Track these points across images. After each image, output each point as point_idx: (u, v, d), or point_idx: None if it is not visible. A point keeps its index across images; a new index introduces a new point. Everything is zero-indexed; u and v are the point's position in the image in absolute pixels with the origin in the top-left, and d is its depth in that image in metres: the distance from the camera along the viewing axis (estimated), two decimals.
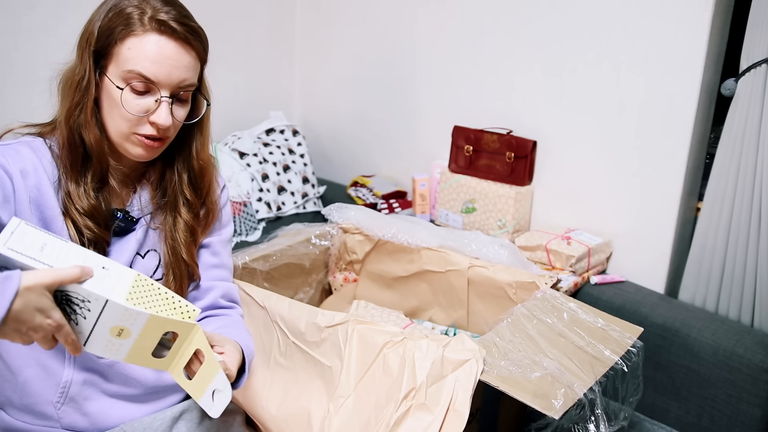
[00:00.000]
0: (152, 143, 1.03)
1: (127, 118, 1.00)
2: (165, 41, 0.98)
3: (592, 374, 1.06)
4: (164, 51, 0.98)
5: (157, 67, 0.98)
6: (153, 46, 0.97)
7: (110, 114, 1.01)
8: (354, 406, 1.06)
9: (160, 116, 1.00)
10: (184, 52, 1.00)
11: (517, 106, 1.87)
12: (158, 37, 0.98)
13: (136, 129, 1.01)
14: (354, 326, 1.10)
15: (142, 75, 0.97)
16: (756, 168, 1.50)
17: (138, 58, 0.97)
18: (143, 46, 0.97)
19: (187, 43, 1.00)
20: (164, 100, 1.00)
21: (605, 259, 1.76)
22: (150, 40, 0.98)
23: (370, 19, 2.19)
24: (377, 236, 1.62)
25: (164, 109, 1.00)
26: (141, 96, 0.99)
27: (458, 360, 1.00)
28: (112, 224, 1.08)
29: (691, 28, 1.51)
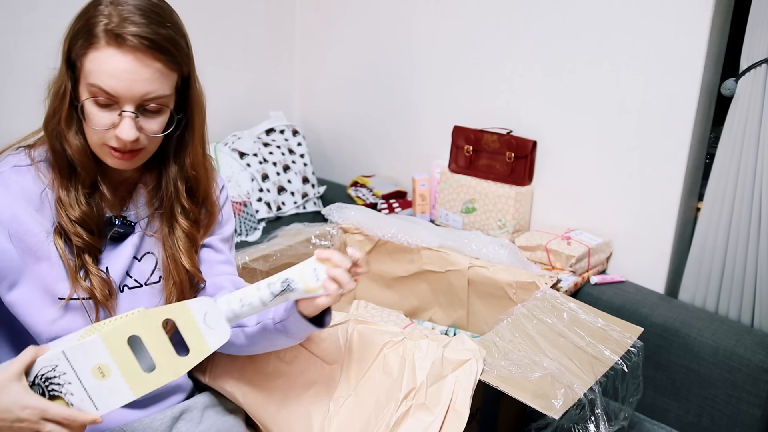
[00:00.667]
0: (122, 155, 1.00)
1: (95, 129, 0.98)
2: (121, 56, 0.93)
3: (592, 374, 1.06)
4: (122, 65, 0.94)
5: (116, 81, 0.94)
6: (110, 60, 0.93)
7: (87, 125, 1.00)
8: (354, 406, 1.06)
9: (122, 131, 0.96)
10: (143, 65, 0.95)
11: (517, 106, 1.87)
12: (115, 51, 0.93)
13: (105, 140, 0.99)
14: (354, 326, 1.10)
15: (102, 89, 0.94)
16: (756, 168, 1.50)
17: (98, 72, 0.94)
18: (102, 60, 0.94)
19: (149, 54, 0.95)
20: (126, 114, 0.96)
21: (605, 259, 1.76)
22: (108, 54, 0.93)
23: (370, 19, 2.19)
24: (377, 236, 1.62)
25: (126, 124, 0.96)
26: (105, 109, 0.96)
27: (458, 360, 1.00)
28: (108, 231, 1.07)
29: (691, 28, 1.51)
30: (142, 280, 1.13)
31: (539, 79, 1.80)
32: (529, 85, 1.83)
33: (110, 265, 1.08)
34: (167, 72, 0.98)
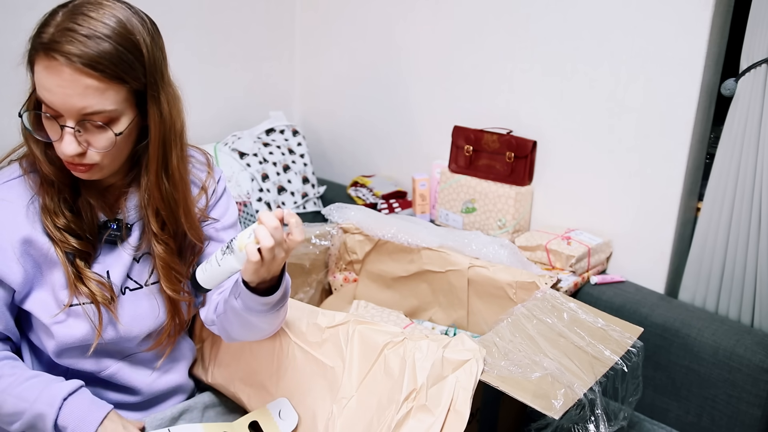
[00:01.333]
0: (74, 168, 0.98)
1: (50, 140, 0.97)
2: (53, 69, 0.90)
3: (592, 374, 1.06)
4: (58, 77, 0.90)
5: (50, 94, 0.91)
6: (47, 71, 0.91)
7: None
8: (357, 407, 1.06)
9: (61, 146, 0.94)
10: (73, 81, 0.90)
11: (517, 106, 1.87)
12: (48, 63, 0.90)
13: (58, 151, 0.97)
14: (355, 326, 1.10)
15: (44, 102, 0.93)
16: (756, 168, 1.50)
17: (39, 85, 0.93)
18: (39, 73, 0.92)
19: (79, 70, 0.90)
20: (67, 129, 0.93)
21: (605, 259, 1.76)
22: (45, 66, 0.91)
23: (370, 19, 2.19)
24: (377, 236, 1.62)
25: (66, 139, 0.94)
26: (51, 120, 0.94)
27: (458, 360, 1.00)
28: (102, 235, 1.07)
29: (691, 28, 1.51)
30: (142, 281, 1.13)
31: (539, 79, 1.80)
32: (529, 85, 1.83)
33: (111, 269, 1.08)
34: (104, 87, 0.92)
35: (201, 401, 1.25)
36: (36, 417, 0.98)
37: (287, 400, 1.14)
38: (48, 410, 0.97)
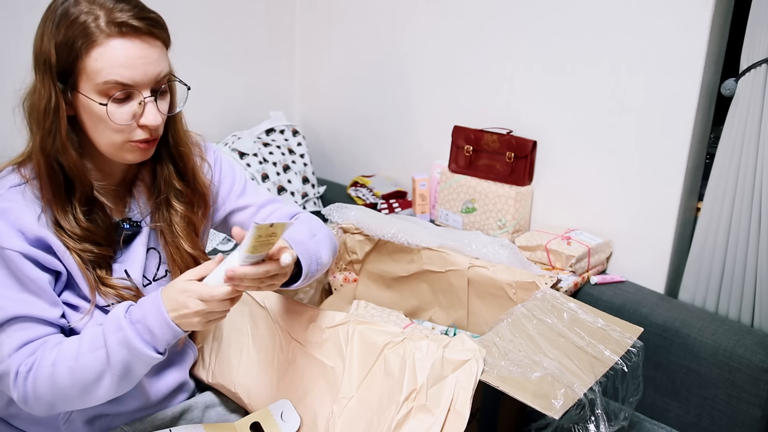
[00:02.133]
0: (147, 146, 1.01)
1: (117, 129, 0.97)
2: (130, 42, 0.93)
3: (592, 374, 1.06)
4: (132, 52, 0.94)
5: (132, 70, 0.94)
6: (120, 50, 0.93)
7: (96, 129, 0.98)
8: (357, 407, 1.06)
9: (148, 118, 0.97)
10: (151, 47, 0.96)
11: (517, 106, 1.87)
12: (122, 41, 0.93)
13: (128, 137, 0.98)
14: (355, 326, 1.10)
15: (119, 83, 0.94)
16: (756, 168, 1.50)
17: (109, 67, 0.93)
18: (110, 54, 0.93)
19: (151, 35, 0.96)
20: (148, 101, 0.97)
21: (605, 259, 1.76)
22: (115, 46, 0.93)
23: (370, 19, 2.19)
24: (377, 236, 1.61)
25: (151, 109, 0.97)
26: (123, 103, 0.96)
27: (458, 360, 1.00)
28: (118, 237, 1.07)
29: (691, 27, 1.51)
30: (150, 277, 1.13)
31: (539, 79, 1.80)
32: (529, 85, 1.83)
33: (129, 267, 1.08)
34: (165, 49, 1.00)
35: (202, 401, 1.25)
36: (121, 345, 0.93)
37: (289, 402, 1.14)
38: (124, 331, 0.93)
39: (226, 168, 1.24)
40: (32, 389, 0.94)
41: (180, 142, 1.12)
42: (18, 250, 0.94)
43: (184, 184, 1.14)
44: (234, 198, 1.24)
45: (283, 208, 1.26)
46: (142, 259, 1.10)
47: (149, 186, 1.12)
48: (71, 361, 0.94)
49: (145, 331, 0.92)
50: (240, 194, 1.24)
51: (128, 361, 0.93)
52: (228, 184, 1.23)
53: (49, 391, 0.94)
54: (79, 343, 0.95)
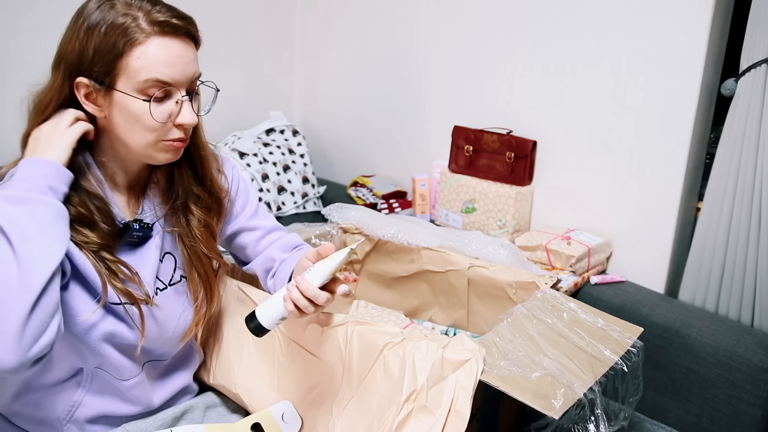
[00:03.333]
0: (180, 145, 1.02)
1: (153, 127, 0.98)
2: (170, 41, 0.96)
3: (592, 374, 1.06)
4: (173, 51, 0.96)
5: (172, 69, 0.96)
6: (161, 49, 0.95)
7: (130, 129, 0.98)
8: (357, 408, 1.06)
9: (185, 117, 0.99)
10: (188, 46, 0.99)
11: (517, 106, 1.87)
12: (162, 39, 0.96)
13: (163, 136, 1.00)
14: (354, 327, 1.10)
15: (160, 81, 0.96)
16: (756, 168, 1.50)
17: (151, 66, 0.95)
18: (152, 52, 0.95)
19: (189, 35, 1.00)
20: (185, 100, 0.99)
21: (605, 259, 1.76)
22: (156, 45, 0.95)
23: (370, 19, 2.19)
24: (377, 236, 1.61)
25: (187, 108, 1.00)
26: (162, 102, 0.98)
27: (458, 360, 1.00)
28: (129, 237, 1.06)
29: (691, 27, 1.51)
30: (166, 281, 1.13)
31: (539, 79, 1.80)
32: (529, 85, 1.83)
33: (140, 270, 1.08)
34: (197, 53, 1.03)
35: (203, 401, 1.25)
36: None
37: (290, 404, 1.14)
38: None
39: (243, 186, 1.25)
40: None
41: (201, 146, 1.13)
42: None
43: (203, 188, 1.14)
44: (245, 217, 1.24)
45: (287, 237, 1.27)
46: (155, 263, 1.10)
47: (164, 189, 1.12)
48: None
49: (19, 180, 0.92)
50: (252, 215, 1.25)
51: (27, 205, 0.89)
52: (242, 201, 1.24)
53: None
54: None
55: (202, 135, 1.14)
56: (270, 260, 1.23)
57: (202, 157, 1.14)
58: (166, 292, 1.12)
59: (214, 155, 1.20)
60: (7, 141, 1.67)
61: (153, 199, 1.11)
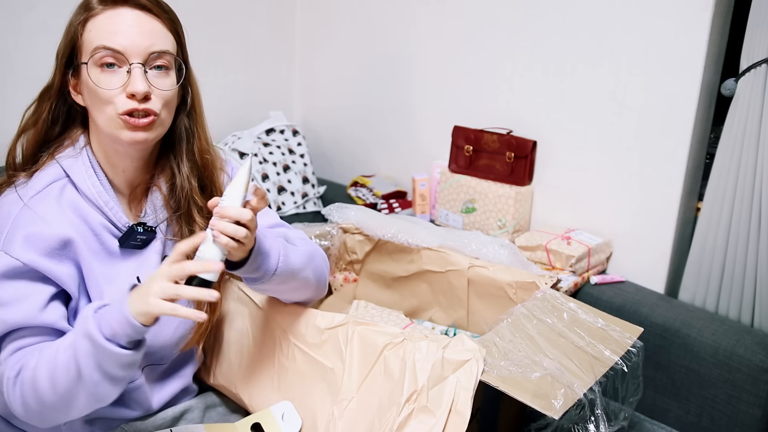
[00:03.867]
0: (137, 121, 0.98)
1: (106, 97, 0.97)
2: (122, 10, 0.98)
3: (592, 374, 1.06)
4: (123, 19, 0.97)
5: (120, 36, 0.96)
6: (111, 18, 0.97)
7: (94, 106, 0.99)
8: (358, 408, 1.06)
9: (135, 85, 0.96)
10: (147, 18, 0.99)
11: (517, 106, 1.87)
12: (114, 10, 0.97)
13: (117, 108, 0.97)
14: (354, 328, 1.10)
15: (107, 47, 0.96)
16: (756, 168, 1.50)
17: (100, 35, 0.96)
18: (102, 22, 0.97)
19: (148, 10, 0.99)
20: (135, 66, 0.97)
21: (605, 259, 1.76)
22: (108, 15, 0.97)
23: (371, 19, 2.19)
24: (377, 236, 1.61)
25: (136, 74, 0.96)
26: (111, 70, 0.97)
27: (458, 360, 1.00)
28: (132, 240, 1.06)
29: (691, 28, 1.51)
30: None
31: (539, 79, 1.80)
32: (529, 85, 1.83)
33: (141, 274, 1.08)
34: (167, 31, 1.01)
35: (203, 402, 1.25)
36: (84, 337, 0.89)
37: (291, 404, 1.14)
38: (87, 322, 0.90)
39: None
40: (20, 395, 0.92)
41: (204, 150, 1.12)
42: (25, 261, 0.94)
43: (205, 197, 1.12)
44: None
45: (289, 233, 1.24)
46: (157, 264, 1.09)
47: (166, 196, 1.11)
48: (51, 362, 0.90)
49: (106, 324, 0.88)
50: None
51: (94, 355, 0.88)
52: None
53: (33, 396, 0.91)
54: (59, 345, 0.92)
55: (204, 140, 1.12)
56: None
57: (203, 163, 1.12)
58: None
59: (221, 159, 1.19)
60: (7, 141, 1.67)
61: (155, 203, 1.11)
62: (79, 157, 1.04)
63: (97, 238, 1.03)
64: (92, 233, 1.03)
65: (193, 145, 1.11)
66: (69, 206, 1.01)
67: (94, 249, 1.03)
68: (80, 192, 1.03)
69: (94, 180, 1.03)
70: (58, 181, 1.02)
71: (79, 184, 1.02)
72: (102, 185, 1.04)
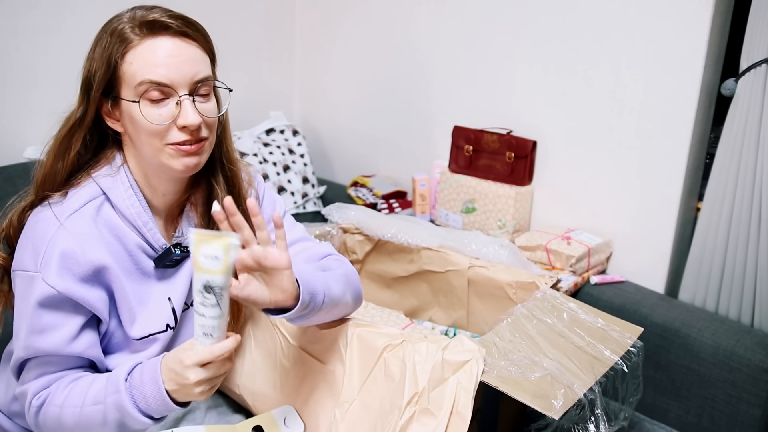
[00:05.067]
0: (189, 148, 0.97)
1: (155, 131, 0.95)
2: (162, 41, 0.94)
3: (592, 374, 1.06)
4: (165, 50, 0.94)
5: (165, 68, 0.94)
6: (152, 50, 0.94)
7: (138, 137, 0.97)
8: (359, 411, 1.06)
9: (187, 117, 0.95)
10: (185, 45, 0.96)
11: (517, 106, 1.87)
12: (154, 40, 0.94)
13: (167, 139, 0.96)
14: (354, 329, 1.10)
15: (153, 81, 0.93)
16: (756, 168, 1.50)
17: (143, 68, 0.93)
18: (142, 54, 0.93)
19: (185, 36, 0.96)
20: (184, 98, 0.95)
21: (605, 259, 1.76)
22: (147, 46, 0.94)
23: (371, 19, 2.19)
24: (377, 236, 1.62)
25: (188, 107, 0.95)
26: (159, 104, 0.95)
27: (458, 362, 1.00)
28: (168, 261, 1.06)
29: (691, 28, 1.51)
30: (189, 302, 1.12)
31: (539, 79, 1.80)
32: (529, 85, 1.83)
33: (172, 294, 1.07)
34: (204, 54, 0.99)
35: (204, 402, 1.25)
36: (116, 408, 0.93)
37: (293, 408, 1.14)
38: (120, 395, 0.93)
39: (268, 199, 1.22)
40: (42, 424, 0.98)
41: (230, 161, 1.11)
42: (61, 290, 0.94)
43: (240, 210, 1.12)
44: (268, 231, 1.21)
45: (315, 248, 1.21)
46: (186, 286, 1.09)
47: (202, 213, 1.10)
48: (77, 407, 0.95)
49: (141, 398, 0.91)
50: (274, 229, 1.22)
51: (123, 422, 0.93)
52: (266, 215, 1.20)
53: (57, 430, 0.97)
54: (87, 391, 0.95)
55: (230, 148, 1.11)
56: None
57: (234, 172, 1.11)
58: (188, 312, 1.12)
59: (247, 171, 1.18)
60: (7, 141, 1.67)
61: (191, 222, 1.09)
62: (117, 176, 1.02)
63: (131, 259, 1.02)
64: (127, 253, 1.02)
65: (223, 157, 1.10)
66: (105, 226, 1.00)
67: (128, 269, 1.02)
68: (118, 211, 1.01)
69: (133, 200, 1.02)
70: (95, 200, 1.00)
71: (119, 204, 1.01)
72: (141, 206, 1.02)
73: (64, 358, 0.99)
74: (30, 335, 0.95)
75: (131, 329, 1.03)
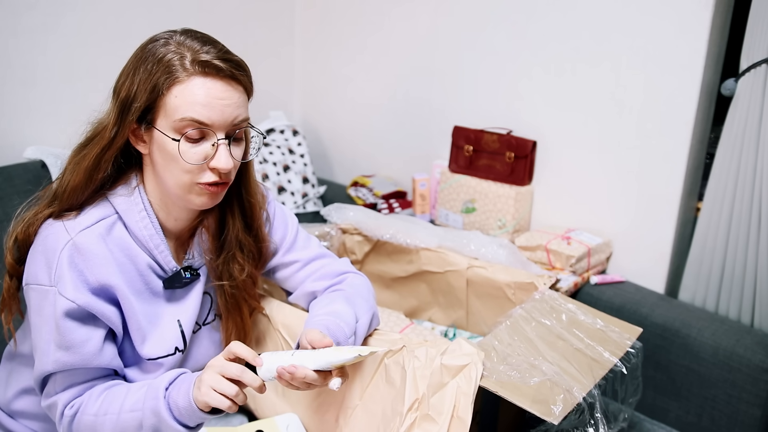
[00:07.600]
0: (215, 189, 0.98)
1: (187, 169, 0.95)
2: (211, 82, 0.93)
3: (591, 377, 1.06)
4: (212, 92, 0.93)
5: (209, 109, 0.93)
6: (200, 89, 0.92)
7: (167, 168, 0.96)
8: (363, 416, 1.06)
9: (220, 161, 0.95)
10: (231, 89, 0.95)
11: (517, 106, 1.87)
12: (204, 80, 0.93)
13: (197, 179, 0.96)
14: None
15: (196, 120, 0.92)
16: (756, 168, 1.49)
17: (187, 105, 0.92)
18: (190, 91, 0.92)
19: (234, 78, 0.96)
20: (221, 143, 0.95)
21: (605, 259, 1.76)
22: (196, 84, 0.93)
23: (370, 19, 2.19)
24: (376, 237, 1.61)
25: (223, 152, 0.95)
26: (197, 143, 0.95)
27: (457, 366, 1.00)
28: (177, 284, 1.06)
29: (691, 28, 1.51)
30: (201, 322, 1.12)
31: (539, 79, 1.80)
32: (529, 85, 1.83)
33: (182, 316, 1.08)
34: (245, 96, 0.99)
35: None
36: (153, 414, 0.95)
37: (297, 417, 1.13)
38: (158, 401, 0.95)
39: (279, 219, 1.22)
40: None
41: (250, 193, 1.11)
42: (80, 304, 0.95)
43: (251, 238, 1.12)
44: (281, 253, 1.21)
45: (331, 266, 1.22)
46: (197, 307, 1.09)
47: (214, 236, 1.10)
48: (114, 414, 0.96)
49: (176, 407, 0.93)
50: (288, 249, 1.21)
51: (158, 428, 0.94)
52: (279, 237, 1.21)
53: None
54: (125, 399, 0.97)
55: (252, 179, 1.11)
56: (311, 294, 1.21)
57: (251, 203, 1.11)
58: (199, 332, 1.12)
59: (264, 196, 1.18)
60: (7, 141, 1.67)
61: (202, 245, 1.09)
62: (132, 197, 1.01)
63: (142, 278, 1.02)
64: (138, 273, 1.02)
65: (242, 189, 1.10)
66: (116, 245, 1.00)
67: (138, 289, 1.02)
68: (130, 232, 1.01)
69: (146, 222, 1.02)
70: (107, 219, 1.00)
71: (131, 225, 1.01)
72: (154, 228, 1.02)
73: (89, 369, 1.00)
74: (57, 350, 0.95)
75: (142, 349, 1.03)
